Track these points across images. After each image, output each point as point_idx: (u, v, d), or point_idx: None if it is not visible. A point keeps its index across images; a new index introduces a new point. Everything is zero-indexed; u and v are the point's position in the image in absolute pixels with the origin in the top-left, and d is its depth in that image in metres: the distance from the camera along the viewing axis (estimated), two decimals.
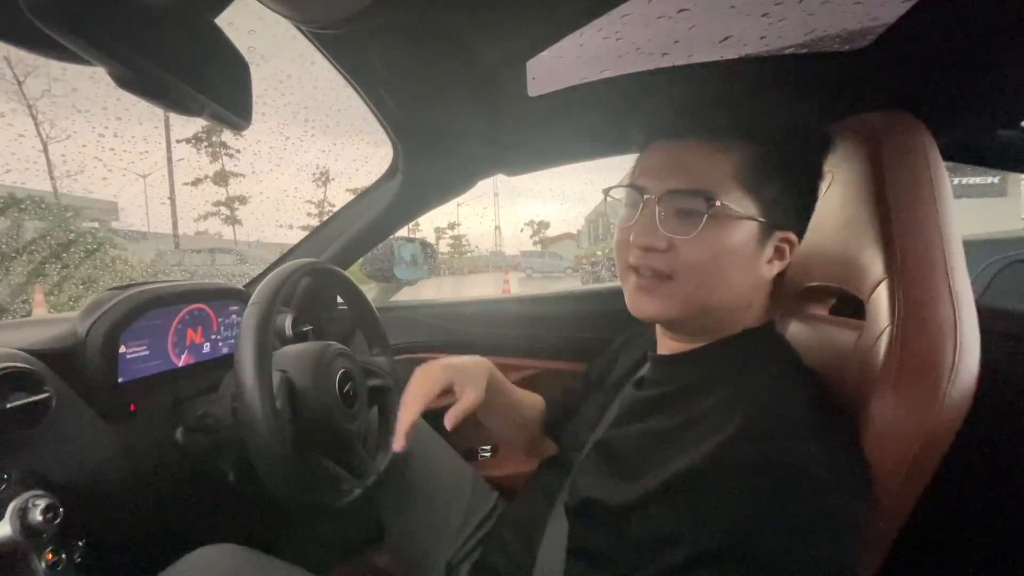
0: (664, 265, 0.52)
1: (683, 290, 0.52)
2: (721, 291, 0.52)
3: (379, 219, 1.15)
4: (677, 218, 0.51)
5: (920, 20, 0.64)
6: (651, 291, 0.54)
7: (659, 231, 0.51)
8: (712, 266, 0.51)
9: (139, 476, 0.70)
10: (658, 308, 0.54)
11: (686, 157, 0.52)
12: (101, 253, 5.80)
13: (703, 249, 0.50)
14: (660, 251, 0.52)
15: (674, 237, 0.51)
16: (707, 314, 0.54)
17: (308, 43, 0.64)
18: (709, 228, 0.50)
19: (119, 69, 0.36)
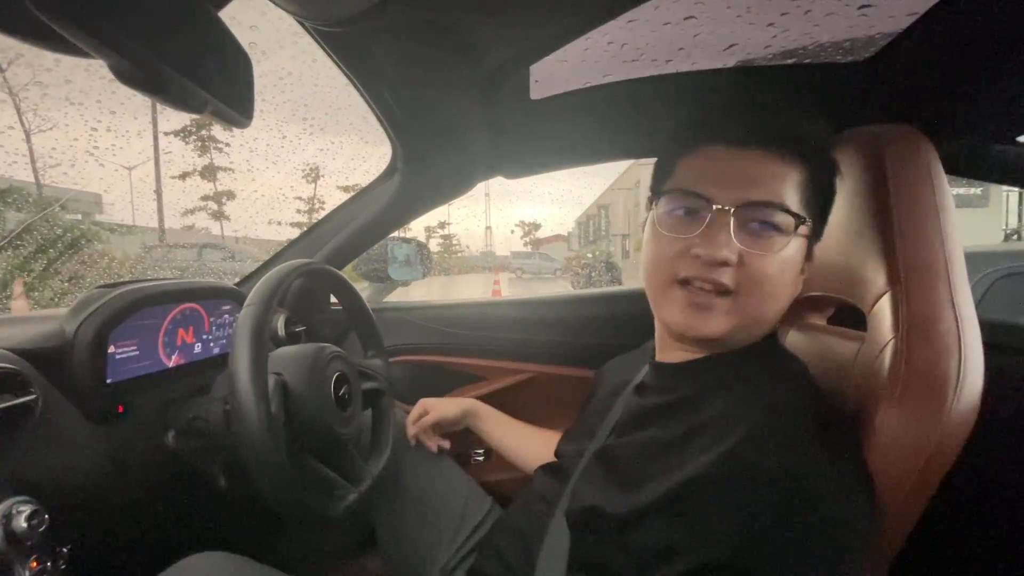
0: (729, 279, 0.50)
1: (743, 306, 0.51)
2: (776, 306, 0.53)
3: (376, 219, 1.13)
4: (752, 231, 0.50)
5: (923, 33, 0.64)
6: (710, 308, 0.51)
7: (734, 244, 0.49)
8: (776, 281, 0.51)
9: (127, 480, 0.68)
10: (718, 327, 0.51)
11: (754, 168, 0.50)
12: (86, 247, 5.69)
13: (773, 264, 0.50)
14: (730, 266, 0.49)
15: (751, 251, 0.49)
16: (757, 328, 0.53)
17: (311, 40, 0.63)
18: (780, 242, 0.49)
19: (120, 62, 0.35)
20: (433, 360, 1.30)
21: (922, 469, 0.45)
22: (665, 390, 0.59)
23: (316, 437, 0.72)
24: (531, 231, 48.26)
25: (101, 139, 30.19)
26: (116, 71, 0.36)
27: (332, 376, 0.74)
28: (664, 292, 0.54)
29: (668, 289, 0.54)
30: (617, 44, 0.73)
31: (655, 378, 0.62)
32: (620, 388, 0.67)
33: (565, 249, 32.37)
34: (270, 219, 31.56)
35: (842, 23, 0.68)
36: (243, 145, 28.06)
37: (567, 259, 22.06)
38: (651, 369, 0.64)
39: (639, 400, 0.61)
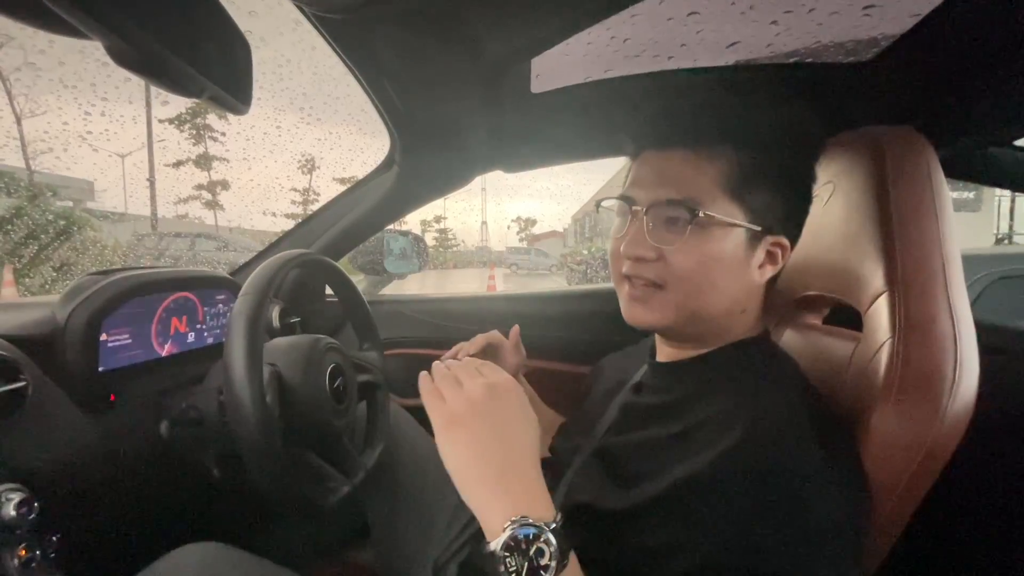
0: (655, 275, 0.53)
1: (675, 299, 0.53)
2: (712, 298, 0.53)
3: (372, 211, 1.13)
4: (664, 228, 0.52)
5: (925, 35, 0.64)
6: (644, 301, 0.55)
7: (647, 241, 0.52)
8: (701, 273, 0.52)
9: (118, 469, 0.67)
10: (652, 317, 0.55)
11: (672, 167, 0.53)
12: (78, 234, 5.62)
13: (691, 257, 0.51)
14: (650, 261, 0.53)
15: (662, 247, 0.52)
16: (701, 321, 0.55)
17: (310, 27, 0.62)
18: (695, 236, 0.51)
19: (116, 43, 0.34)
20: (428, 353, 1.30)
21: (916, 469, 0.46)
22: (662, 389, 0.59)
23: (311, 429, 0.71)
24: (527, 227, 48.23)
25: (94, 124, 29.80)
26: (112, 52, 0.35)
27: (327, 368, 0.74)
28: (618, 286, 0.59)
29: (619, 284, 0.58)
30: (620, 39, 0.72)
31: (652, 377, 0.63)
32: (618, 386, 0.68)
33: (561, 245, 32.40)
34: (265, 209, 31.41)
35: (845, 23, 0.68)
36: (239, 133, 27.86)
37: (563, 255, 22.07)
38: (649, 368, 0.64)
39: (636, 399, 0.62)
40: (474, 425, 0.45)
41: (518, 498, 0.41)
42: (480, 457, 0.43)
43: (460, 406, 0.46)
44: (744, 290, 0.54)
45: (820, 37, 0.71)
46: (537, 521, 0.39)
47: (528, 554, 0.38)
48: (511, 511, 0.40)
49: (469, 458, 0.44)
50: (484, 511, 0.42)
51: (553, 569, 0.38)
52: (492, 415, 0.45)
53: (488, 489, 0.42)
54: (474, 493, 0.42)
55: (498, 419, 0.45)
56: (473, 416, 0.45)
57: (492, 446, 0.44)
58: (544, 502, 0.42)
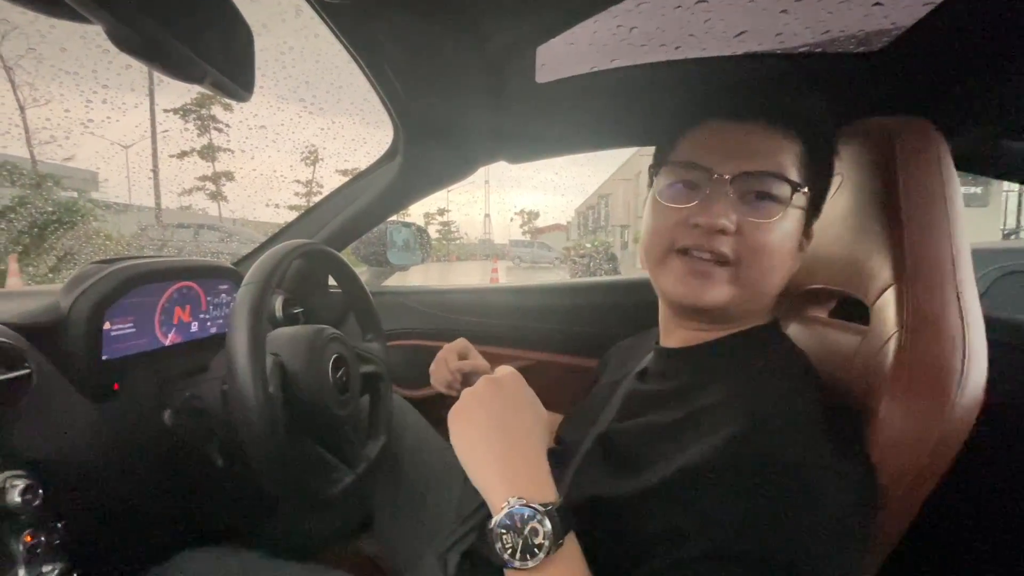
0: (729, 248, 0.50)
1: (743, 276, 0.51)
2: (775, 278, 0.53)
3: (375, 202, 1.12)
4: (751, 201, 0.50)
5: (937, 25, 0.63)
6: (709, 276, 0.51)
7: (732, 213, 0.50)
8: (777, 252, 0.51)
9: (122, 457, 0.68)
10: (717, 294, 0.52)
11: (753, 139, 0.51)
12: (82, 224, 5.64)
13: (773, 235, 0.50)
14: (729, 234, 0.50)
15: (749, 220, 0.50)
16: (754, 300, 0.54)
17: (313, 14, 0.61)
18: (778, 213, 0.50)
19: (117, 27, 0.33)
20: (432, 345, 1.29)
21: (923, 463, 0.45)
22: (667, 376, 0.59)
23: (314, 419, 0.71)
24: (530, 220, 48.15)
25: (96, 112, 29.75)
26: (113, 36, 0.35)
27: (330, 358, 0.74)
28: (663, 261, 0.55)
29: (667, 258, 0.54)
30: (626, 27, 0.71)
31: (658, 363, 0.62)
32: (624, 374, 0.67)
33: (564, 238, 32.35)
34: (268, 201, 31.43)
35: (856, 12, 0.66)
36: (242, 122, 27.78)
37: (565, 248, 22.04)
38: (654, 355, 0.64)
39: (641, 386, 0.61)
40: (478, 413, 0.48)
41: (518, 480, 0.44)
42: (483, 441, 0.46)
43: (467, 399, 0.49)
44: (790, 273, 0.55)
45: (830, 26, 0.70)
46: (532, 502, 0.41)
47: (523, 532, 0.40)
48: (510, 491, 0.42)
49: (473, 443, 0.47)
50: (488, 491, 0.44)
51: (546, 548, 0.40)
52: (494, 404, 0.48)
53: (491, 471, 0.45)
54: (479, 475, 0.45)
55: (500, 407, 0.48)
56: (478, 405, 0.48)
57: (495, 431, 0.47)
58: (545, 485, 0.44)
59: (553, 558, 0.40)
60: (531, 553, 0.40)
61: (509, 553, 0.40)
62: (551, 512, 0.41)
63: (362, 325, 0.95)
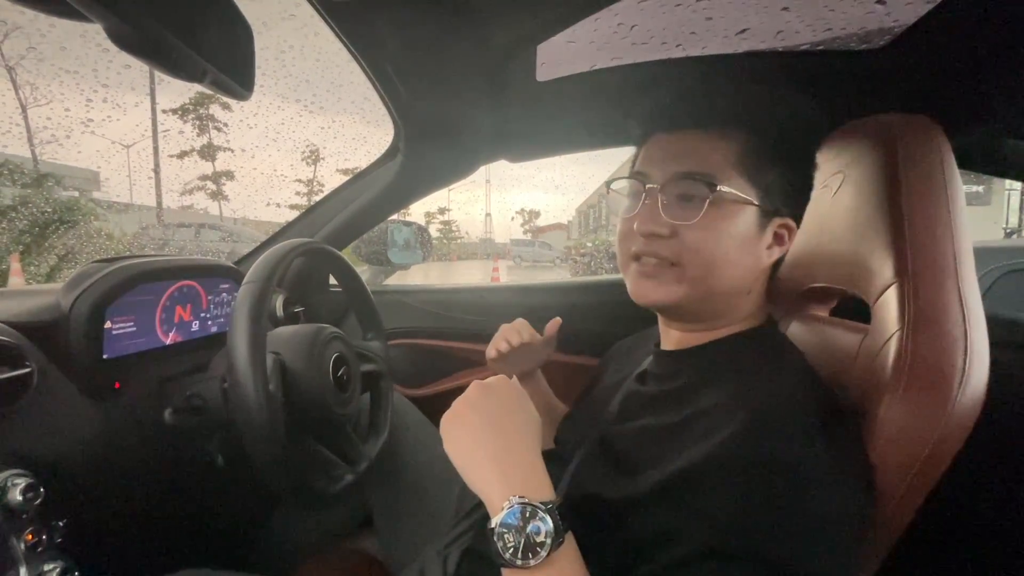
0: (668, 252, 0.52)
1: (688, 275, 0.52)
2: (725, 275, 0.53)
3: (376, 201, 1.12)
4: (679, 204, 0.52)
5: (939, 23, 0.63)
6: (655, 276, 0.54)
7: (662, 217, 0.52)
8: (716, 250, 0.52)
9: (123, 456, 0.68)
10: (663, 294, 0.54)
11: (685, 146, 0.53)
12: (83, 224, 5.64)
13: (707, 234, 0.51)
14: (664, 238, 0.52)
15: (677, 223, 0.52)
16: (711, 299, 0.54)
17: (313, 13, 0.61)
18: (712, 213, 0.51)
19: (117, 26, 0.33)
20: (432, 344, 1.30)
21: (924, 462, 0.45)
22: (664, 377, 0.59)
23: (314, 417, 0.72)
24: (531, 219, 48.15)
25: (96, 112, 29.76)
26: (113, 35, 0.35)
27: (331, 357, 0.74)
28: (625, 268, 0.58)
29: (627, 264, 0.57)
30: (627, 26, 0.71)
31: (656, 365, 0.62)
32: (624, 376, 0.67)
33: (565, 237, 32.34)
34: (269, 200, 31.44)
35: (858, 10, 0.66)
36: (242, 122, 27.81)
37: (566, 248, 22.01)
38: (653, 357, 0.64)
39: (640, 388, 0.61)
40: (471, 418, 0.49)
41: (516, 480, 0.44)
42: (478, 444, 0.47)
43: (458, 405, 0.51)
44: (752, 270, 0.55)
45: (832, 24, 0.70)
46: (533, 501, 0.42)
47: (524, 531, 0.41)
48: (510, 491, 0.43)
49: (468, 446, 0.48)
50: (487, 493, 0.45)
51: (548, 546, 0.40)
52: (487, 408, 0.50)
53: (487, 473, 0.45)
54: (475, 477, 0.46)
55: (493, 410, 0.50)
56: (471, 411, 0.50)
57: (488, 434, 0.48)
58: (543, 485, 0.45)
59: (554, 557, 0.41)
60: (532, 552, 0.40)
61: (511, 552, 0.41)
62: (552, 510, 0.42)
63: (363, 324, 0.95)
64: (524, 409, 0.52)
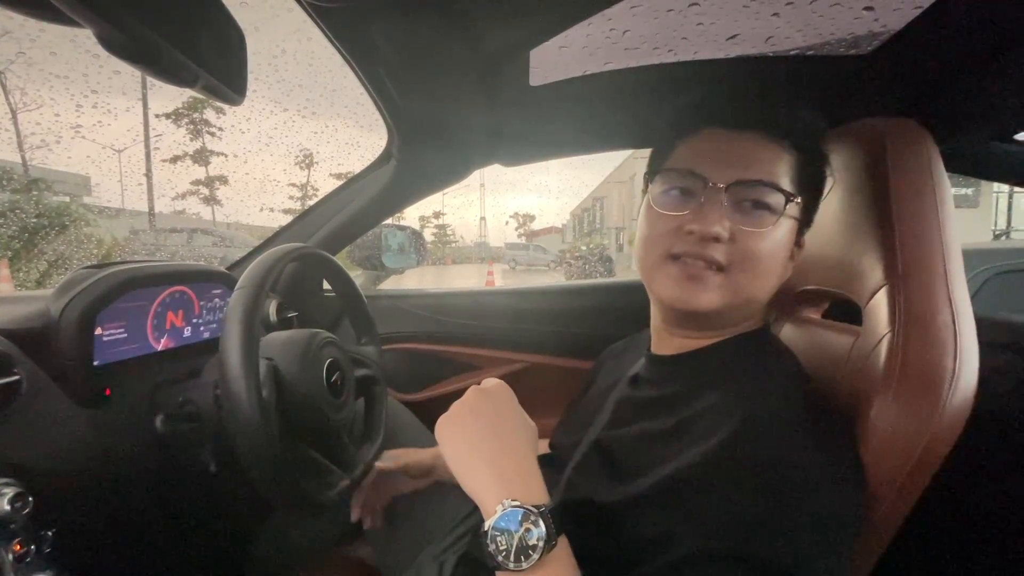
0: (721, 255, 0.51)
1: (736, 281, 0.52)
2: (766, 285, 0.53)
3: (370, 205, 1.12)
4: (746, 209, 0.51)
5: (926, 28, 0.64)
6: (702, 280, 0.52)
7: (725, 221, 0.50)
8: (766, 260, 0.52)
9: (114, 464, 0.67)
10: (709, 299, 0.52)
11: (750, 149, 0.52)
12: (73, 229, 5.59)
13: (765, 243, 0.51)
14: (722, 241, 0.51)
15: (743, 228, 0.50)
16: (747, 306, 0.55)
17: (306, 17, 0.61)
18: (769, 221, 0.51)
19: (108, 31, 0.33)
20: (426, 348, 1.29)
21: (915, 463, 0.45)
22: (659, 382, 0.59)
23: (308, 423, 0.71)
24: (526, 222, 48.22)
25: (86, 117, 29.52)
26: (104, 41, 0.34)
27: (325, 362, 0.73)
28: (658, 267, 0.55)
29: (662, 264, 0.55)
30: (619, 31, 0.71)
31: (649, 370, 0.62)
32: (616, 379, 0.67)
33: (560, 241, 32.40)
34: (262, 205, 31.28)
35: (846, 15, 0.67)
36: (234, 127, 27.71)
37: (561, 251, 22.05)
38: (646, 361, 0.64)
39: (633, 392, 0.62)
40: (467, 421, 0.49)
41: (511, 483, 0.44)
42: (474, 447, 0.47)
43: (456, 408, 0.51)
44: (781, 281, 0.55)
45: (821, 30, 0.71)
46: (526, 504, 0.42)
47: (517, 534, 0.41)
48: (504, 494, 0.43)
49: (464, 449, 0.48)
50: (480, 496, 0.45)
51: (541, 549, 0.40)
52: (483, 412, 0.50)
53: (483, 476, 0.45)
54: (471, 480, 0.46)
55: (489, 414, 0.50)
56: (468, 414, 0.50)
57: (484, 437, 0.48)
58: (537, 489, 0.45)
59: (546, 560, 0.41)
60: (525, 555, 0.40)
61: (503, 555, 0.41)
62: (544, 513, 0.42)
63: (357, 329, 0.95)
64: (518, 412, 0.52)
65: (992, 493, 0.64)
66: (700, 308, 0.52)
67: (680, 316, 0.57)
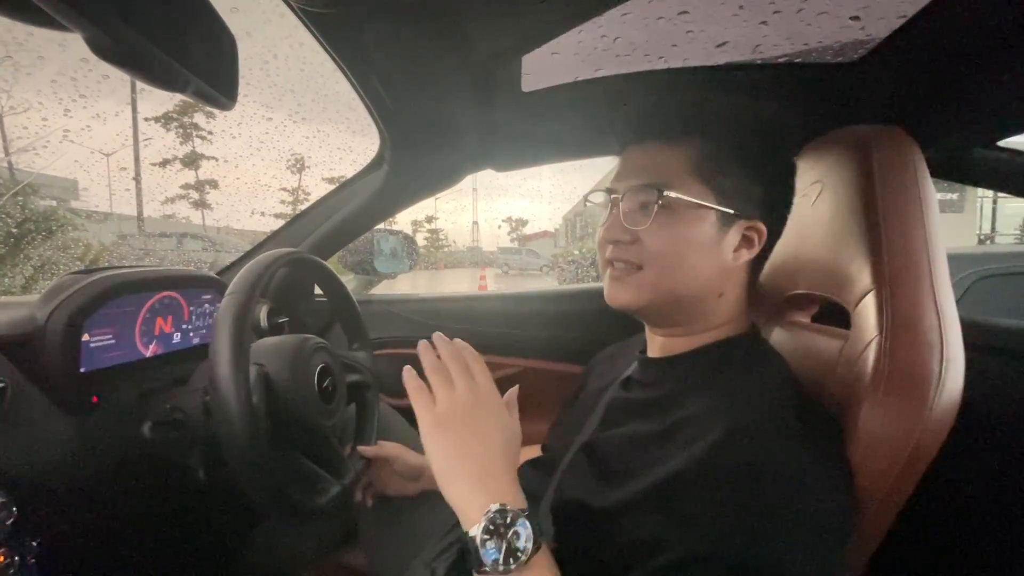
0: (633, 256, 0.56)
1: (650, 277, 0.55)
2: (686, 277, 0.55)
3: (361, 210, 1.12)
4: (638, 212, 0.55)
5: (911, 37, 0.65)
6: (623, 280, 0.57)
7: (622, 225, 0.56)
8: (674, 253, 0.54)
9: (101, 472, 0.66)
10: (629, 296, 0.57)
11: (647, 157, 0.57)
12: (60, 234, 5.51)
13: (663, 237, 0.54)
14: (626, 243, 0.56)
15: (635, 229, 0.55)
16: (677, 301, 0.56)
17: (297, 22, 0.61)
18: (666, 217, 0.54)
19: (98, 36, 0.33)
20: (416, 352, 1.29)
21: (904, 465, 0.46)
22: (648, 385, 0.60)
23: (299, 430, 0.70)
24: (518, 227, 48.29)
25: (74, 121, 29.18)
26: (94, 45, 0.34)
27: (316, 368, 0.73)
28: (603, 273, 0.61)
29: (604, 270, 0.61)
30: (610, 38, 0.72)
31: (642, 372, 0.63)
32: (609, 382, 0.68)
33: (552, 245, 32.44)
34: (253, 209, 31.04)
35: (833, 24, 0.68)
36: (224, 131, 27.55)
37: (554, 255, 22.08)
38: (638, 364, 0.64)
39: (624, 394, 0.62)
40: (461, 427, 0.49)
41: (496, 491, 0.45)
42: (465, 456, 0.47)
43: (449, 408, 0.49)
44: (719, 272, 0.56)
45: (808, 38, 0.72)
46: (513, 507, 0.43)
47: (506, 537, 0.42)
48: (491, 499, 0.44)
49: (455, 457, 0.48)
50: (464, 504, 0.45)
51: (529, 551, 0.42)
52: (477, 419, 0.49)
53: (470, 484, 0.46)
54: (456, 487, 0.46)
55: (481, 422, 0.50)
56: (462, 419, 0.49)
57: (475, 447, 0.48)
58: (519, 497, 0.46)
59: (533, 562, 0.42)
60: (513, 557, 0.41)
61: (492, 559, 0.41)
62: (531, 516, 0.43)
63: (348, 334, 0.94)
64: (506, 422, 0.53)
65: (979, 495, 0.65)
66: (626, 305, 0.58)
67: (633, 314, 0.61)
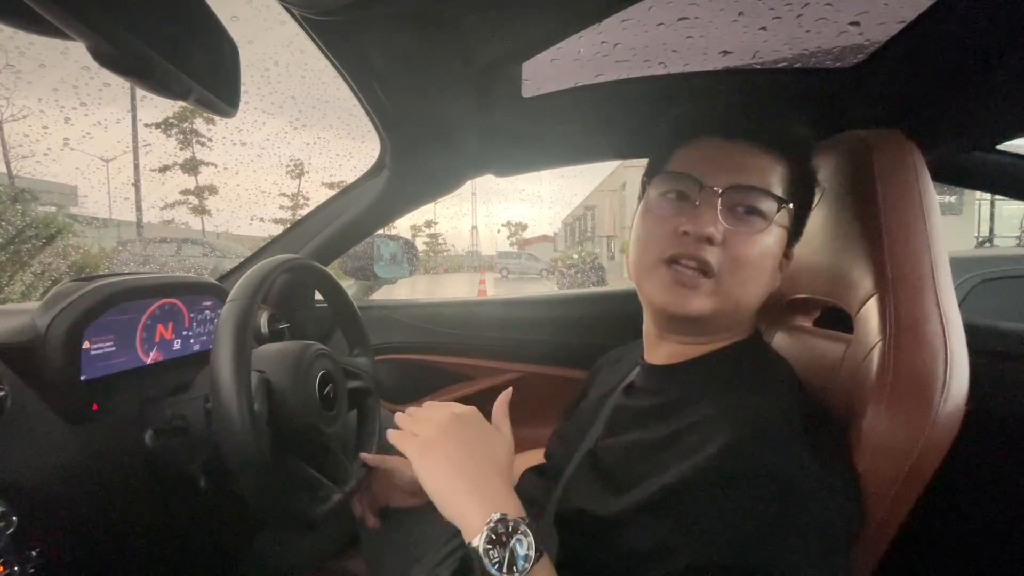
0: (713, 258, 0.51)
1: (727, 287, 0.52)
2: (754, 292, 0.54)
3: (362, 216, 1.12)
4: (739, 214, 0.52)
5: (910, 41, 0.65)
6: (694, 287, 0.52)
7: (720, 223, 0.51)
8: (756, 266, 0.53)
9: (102, 480, 0.66)
10: (699, 305, 0.52)
11: (744, 157, 0.53)
12: (60, 240, 5.52)
13: (755, 249, 0.52)
14: (715, 244, 0.51)
15: (736, 231, 0.51)
16: (734, 313, 0.55)
17: (298, 29, 0.61)
18: (758, 225, 0.52)
19: (100, 44, 0.33)
20: (420, 359, 1.29)
21: (909, 470, 0.46)
22: (652, 392, 0.59)
23: (300, 436, 0.70)
24: (518, 231, 48.39)
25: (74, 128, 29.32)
26: (96, 54, 0.34)
27: (317, 374, 0.73)
28: (651, 271, 0.55)
29: (655, 268, 0.55)
30: (610, 44, 0.72)
31: (644, 379, 0.62)
32: (611, 388, 0.67)
33: (551, 249, 32.50)
34: (253, 215, 31.07)
35: (832, 29, 0.68)
36: (225, 138, 27.64)
37: (553, 260, 22.12)
38: (640, 370, 0.64)
39: (628, 401, 0.62)
40: (447, 444, 0.49)
41: (494, 502, 0.46)
42: (456, 469, 0.48)
43: (431, 431, 0.50)
44: (769, 289, 0.56)
45: (807, 43, 0.72)
46: (514, 517, 0.44)
47: (508, 546, 0.42)
48: (491, 510, 0.44)
49: (446, 473, 0.48)
50: (463, 517, 0.45)
51: (532, 559, 0.42)
52: (462, 434, 0.50)
53: (466, 498, 0.46)
54: (453, 502, 0.46)
55: (468, 437, 0.50)
56: (446, 436, 0.50)
57: (465, 460, 0.48)
58: (516, 505, 0.47)
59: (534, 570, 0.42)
60: (517, 566, 0.41)
61: (496, 568, 0.41)
62: (531, 524, 0.44)
63: (349, 340, 0.94)
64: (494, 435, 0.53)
65: (985, 498, 0.65)
66: (690, 313, 0.53)
67: (671, 321, 0.57)
